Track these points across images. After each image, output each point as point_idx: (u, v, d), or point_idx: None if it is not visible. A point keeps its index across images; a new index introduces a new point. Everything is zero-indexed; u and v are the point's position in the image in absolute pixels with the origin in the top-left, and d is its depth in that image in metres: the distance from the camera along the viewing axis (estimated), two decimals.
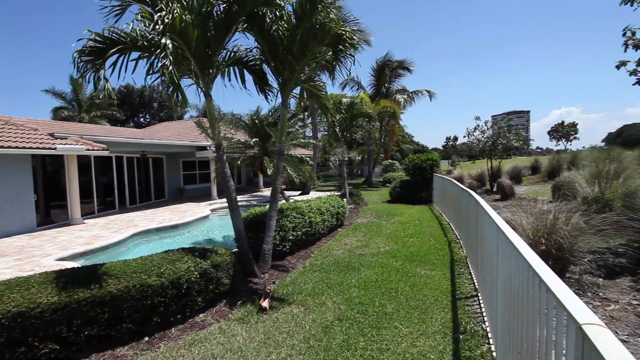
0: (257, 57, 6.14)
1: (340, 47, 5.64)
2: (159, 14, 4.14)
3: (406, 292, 4.74)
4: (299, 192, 18.35)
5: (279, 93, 6.15)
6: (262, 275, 5.59)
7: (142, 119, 43.46)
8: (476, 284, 4.76)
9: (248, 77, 6.21)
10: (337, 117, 14.03)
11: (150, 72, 4.41)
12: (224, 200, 5.42)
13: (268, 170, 11.52)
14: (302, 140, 14.22)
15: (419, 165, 14.27)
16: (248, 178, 25.05)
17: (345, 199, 12.04)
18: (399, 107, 24.14)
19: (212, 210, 13.12)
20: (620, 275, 4.53)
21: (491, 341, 3.33)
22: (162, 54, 3.94)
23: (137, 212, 12.80)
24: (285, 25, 5.52)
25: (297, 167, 11.82)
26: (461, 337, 3.53)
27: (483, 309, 4.01)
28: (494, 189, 14.44)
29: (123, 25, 4.29)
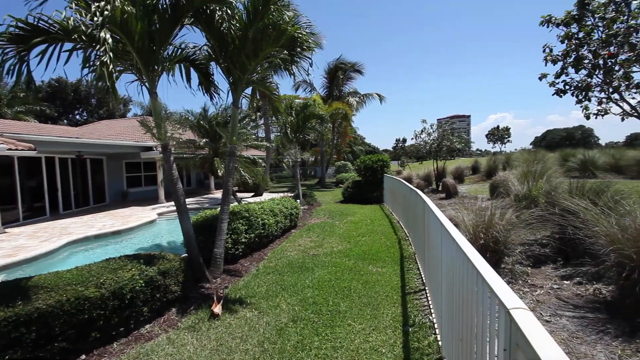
0: (205, 55, 5.93)
1: (298, 49, 5.66)
2: (97, 4, 3.83)
3: (359, 289, 4.87)
4: (252, 193, 18.04)
5: (230, 93, 6.00)
6: (214, 280, 5.41)
7: (77, 117, 39.81)
8: (424, 278, 5.03)
9: (194, 76, 5.98)
10: (290, 119, 14.02)
11: (87, 65, 4.07)
12: (172, 203, 5.15)
13: (219, 171, 11.17)
14: (254, 142, 14.01)
15: (370, 166, 14.74)
16: (199, 180, 24.07)
17: (298, 200, 12.06)
18: (351, 109, 24.75)
19: (160, 214, 12.42)
20: (545, 264, 5.06)
21: (437, 331, 3.55)
22: (102, 48, 3.64)
23: (73, 219, 11.70)
24: (237, 24, 5.40)
25: (250, 168, 11.62)
26: (410, 329, 3.71)
27: (430, 302, 4.26)
28: (440, 188, 15.37)
29: (52, 12, 3.88)
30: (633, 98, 5.43)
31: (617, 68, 5.35)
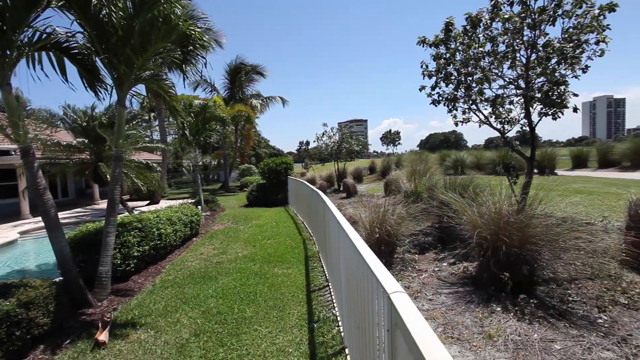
0: (81, 44, 5.15)
1: (190, 46, 5.33)
2: None
3: (265, 293, 4.85)
4: (147, 202, 16.32)
5: (114, 90, 5.32)
6: (100, 304, 4.72)
7: None
8: (327, 275, 5.29)
9: (72, 69, 5.15)
10: (189, 119, 13.14)
11: None
12: (40, 219, 4.24)
13: (107, 177, 9.79)
14: (147, 144, 12.70)
15: (274, 169, 14.80)
16: (78, 189, 20.55)
17: (200, 206, 11.38)
18: (254, 111, 24.46)
19: (23, 232, 10.25)
20: (428, 250, 5.83)
21: (340, 323, 3.76)
22: None
23: None
24: (121, 13, 4.82)
25: (143, 173, 10.48)
26: (315, 325, 3.86)
27: (333, 296, 4.49)
28: (341, 188, 16.33)
29: None
30: (486, 109, 6.67)
31: (474, 85, 6.49)
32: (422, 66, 6.91)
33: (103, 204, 16.60)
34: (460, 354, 2.96)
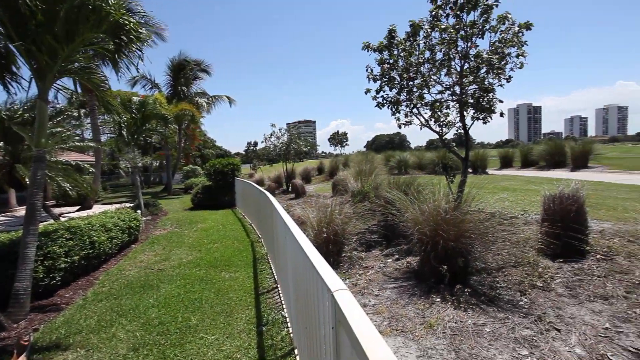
0: None
1: (124, 38, 4.95)
2: None
3: (211, 299, 4.66)
4: (77, 207, 14.83)
5: (34, 82, 4.76)
6: (16, 325, 4.18)
7: None
8: (276, 276, 5.24)
9: None
10: (125, 117, 12.19)
11: None
12: None
13: (24, 181, 8.70)
14: (77, 144, 11.54)
15: (220, 170, 14.32)
16: None
17: (139, 211, 10.62)
18: (199, 110, 23.43)
19: None
20: (374, 248, 6.04)
21: (289, 324, 3.75)
22: None
23: None
24: None
25: (72, 176, 9.50)
26: (264, 328, 3.80)
27: (282, 298, 4.46)
28: (290, 189, 16.29)
29: None
30: (426, 113, 7.09)
31: (415, 89, 6.88)
32: (367, 70, 7.15)
33: (22, 211, 14.72)
34: (404, 344, 3.11)
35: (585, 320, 3.22)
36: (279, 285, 4.87)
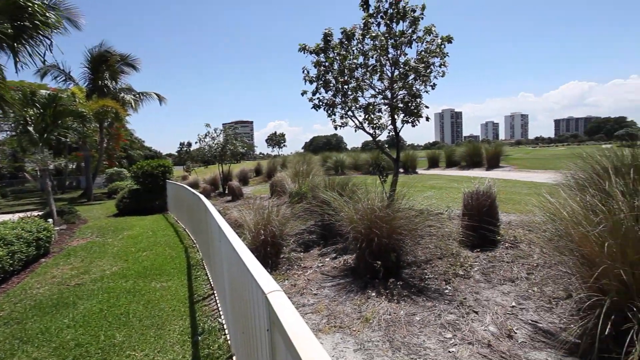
0: None
1: (27, 23, 4.33)
2: None
3: (140, 312, 4.30)
4: None
5: None
6: None
7: None
8: (212, 282, 5.02)
9: None
10: (31, 113, 10.68)
11: None
12: None
13: None
14: None
15: (150, 172, 13.31)
16: None
17: (51, 220, 9.38)
18: (124, 108, 21.46)
19: None
20: (313, 248, 6.12)
21: (227, 331, 3.62)
22: None
23: None
24: None
25: None
26: (200, 338, 3.61)
27: (219, 304, 4.29)
28: (226, 191, 15.76)
29: None
30: (360, 115, 7.39)
31: (349, 93, 7.12)
32: (304, 72, 7.23)
33: None
34: (342, 340, 3.20)
35: (497, 301, 3.63)
36: (215, 292, 4.68)
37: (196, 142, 17.34)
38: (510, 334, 3.04)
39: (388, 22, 6.48)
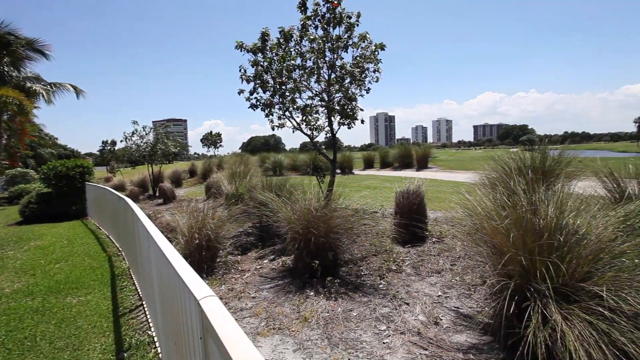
0: None
1: None
2: None
3: (51, 333, 3.80)
4: None
5: None
6: None
7: None
8: (140, 292, 4.64)
9: None
10: None
11: None
12: None
13: None
14: None
15: (64, 174, 11.84)
16: None
17: None
18: (30, 99, 18.74)
19: None
20: (250, 250, 6.00)
21: (157, 344, 3.37)
22: None
23: None
24: None
25: None
26: (126, 355, 3.32)
27: (148, 316, 3.98)
28: (157, 194, 14.69)
29: None
30: (298, 117, 7.43)
31: (287, 94, 7.12)
32: (240, 70, 7.06)
33: None
34: (281, 341, 3.19)
35: (426, 292, 3.93)
36: (144, 302, 4.33)
37: (122, 141, 15.84)
38: (436, 321, 3.30)
39: (325, 26, 6.63)
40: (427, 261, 4.74)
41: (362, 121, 7.19)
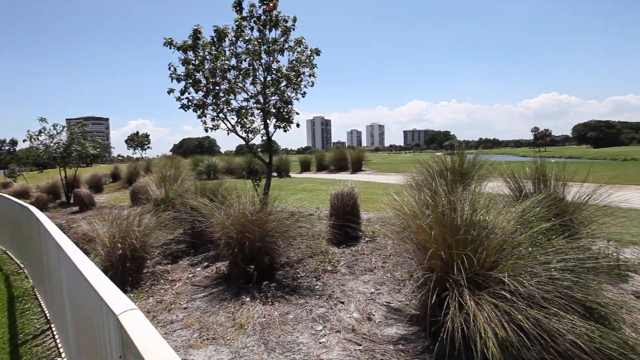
0: None
1: None
2: None
3: None
4: None
5: None
6: None
7: None
8: (48, 314, 4.09)
9: None
10: None
11: None
12: None
13: None
14: None
15: None
16: None
17: None
18: None
19: None
20: (182, 258, 5.67)
21: None
22: None
23: None
24: None
25: None
26: None
27: (58, 340, 3.52)
28: (72, 201, 13.08)
29: None
30: (233, 119, 7.22)
31: (221, 94, 6.88)
32: (170, 68, 6.65)
33: None
34: (216, 351, 3.06)
35: (360, 290, 4.10)
36: (52, 325, 3.82)
37: (25, 141, 13.77)
38: (369, 316, 3.46)
39: (261, 27, 6.57)
40: (361, 260, 4.94)
41: (298, 124, 7.26)
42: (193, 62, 6.61)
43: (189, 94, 6.84)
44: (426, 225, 2.96)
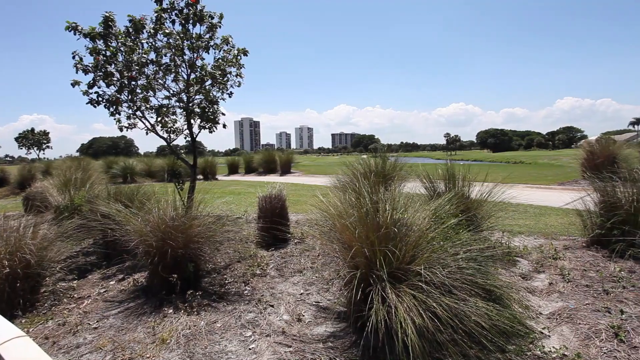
0: None
1: None
2: None
3: None
4: None
5: None
6: None
7: None
8: None
9: None
10: None
11: None
12: None
13: None
14: None
15: None
16: None
17: None
18: None
19: None
20: (92, 272, 5.05)
21: None
22: None
23: None
24: None
25: None
26: None
27: None
28: None
29: None
30: (152, 117, 6.67)
31: (138, 91, 6.31)
32: (74, 58, 5.89)
33: None
34: None
35: (289, 292, 4.12)
36: None
37: None
38: (299, 317, 3.50)
39: (184, 21, 6.20)
40: (290, 262, 4.97)
41: (225, 125, 7.03)
42: (104, 52, 5.96)
43: (100, 87, 6.14)
44: (350, 224, 3.11)
